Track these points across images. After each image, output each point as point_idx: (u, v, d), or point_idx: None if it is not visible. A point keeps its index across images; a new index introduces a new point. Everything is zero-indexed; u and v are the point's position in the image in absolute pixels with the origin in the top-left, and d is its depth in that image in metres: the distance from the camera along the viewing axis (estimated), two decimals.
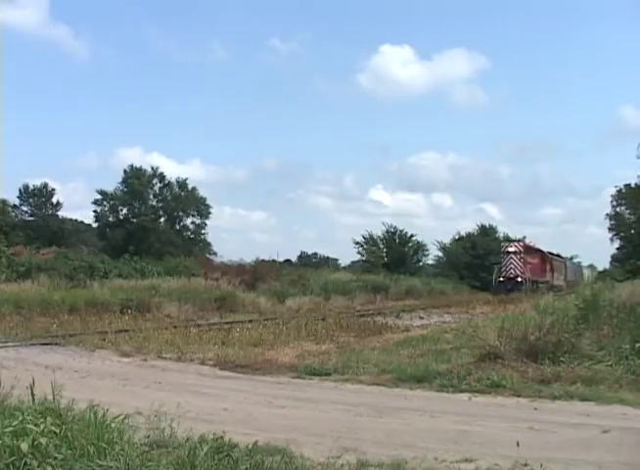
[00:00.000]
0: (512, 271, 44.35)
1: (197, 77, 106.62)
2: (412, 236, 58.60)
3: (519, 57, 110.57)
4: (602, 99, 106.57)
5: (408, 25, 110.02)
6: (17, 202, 62.01)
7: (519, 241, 51.00)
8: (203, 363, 11.52)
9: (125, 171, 56.46)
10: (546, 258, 51.74)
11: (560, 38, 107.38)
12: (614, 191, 57.67)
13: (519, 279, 43.62)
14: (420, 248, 59.51)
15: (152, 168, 57.30)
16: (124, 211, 56.36)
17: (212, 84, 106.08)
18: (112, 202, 55.87)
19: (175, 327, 16.73)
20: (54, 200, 64.35)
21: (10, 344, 13.82)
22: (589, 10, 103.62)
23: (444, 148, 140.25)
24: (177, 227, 57.63)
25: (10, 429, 4.51)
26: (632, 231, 51.29)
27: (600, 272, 63.11)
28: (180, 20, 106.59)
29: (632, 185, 47.50)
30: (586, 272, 72.90)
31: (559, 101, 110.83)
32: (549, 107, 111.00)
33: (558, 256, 58.75)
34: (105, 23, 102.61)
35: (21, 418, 4.66)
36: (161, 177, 57.82)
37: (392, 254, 57.11)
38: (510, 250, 45.72)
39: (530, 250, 48.87)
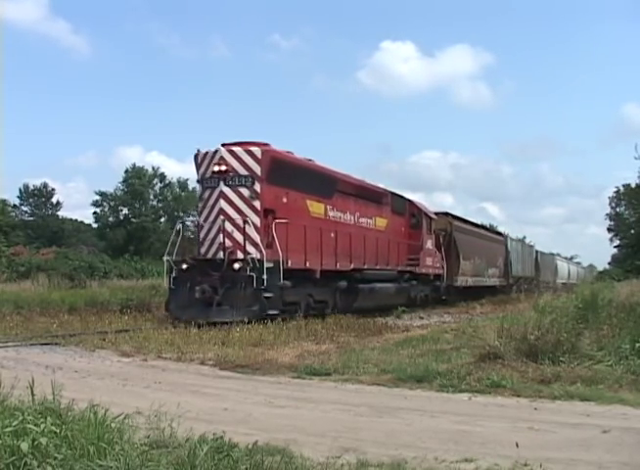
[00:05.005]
0: (219, 239, 16.98)
1: (197, 75, 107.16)
2: None
3: (522, 54, 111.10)
4: (605, 97, 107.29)
5: (410, 21, 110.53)
6: (17, 202, 62.28)
7: (264, 144, 17.64)
8: (203, 363, 11.51)
9: (126, 171, 56.60)
10: (421, 220, 25.42)
11: (563, 36, 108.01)
12: (613, 192, 57.90)
13: (235, 266, 16.12)
14: None
15: (152, 168, 57.49)
16: (125, 211, 56.49)
17: (213, 82, 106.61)
18: (112, 202, 56.00)
19: (175, 327, 16.73)
20: (54, 200, 64.63)
21: (10, 344, 13.82)
22: (593, 8, 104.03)
23: (446, 147, 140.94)
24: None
25: (10, 429, 4.52)
26: (632, 231, 51.30)
27: (600, 272, 62.92)
28: (181, 16, 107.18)
29: (632, 185, 47.61)
30: (565, 266, 58.57)
31: (561, 99, 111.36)
32: (551, 105, 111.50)
33: (485, 227, 35.13)
34: (105, 19, 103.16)
35: (21, 418, 4.66)
36: (162, 177, 57.96)
37: None
38: (216, 169, 16.98)
39: (325, 178, 19.95)
